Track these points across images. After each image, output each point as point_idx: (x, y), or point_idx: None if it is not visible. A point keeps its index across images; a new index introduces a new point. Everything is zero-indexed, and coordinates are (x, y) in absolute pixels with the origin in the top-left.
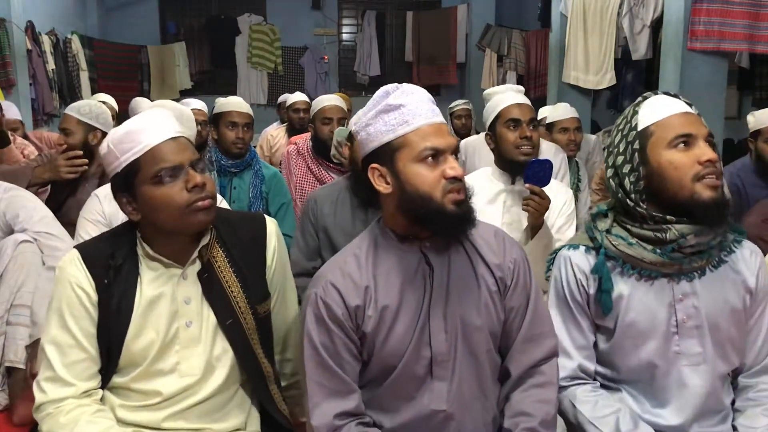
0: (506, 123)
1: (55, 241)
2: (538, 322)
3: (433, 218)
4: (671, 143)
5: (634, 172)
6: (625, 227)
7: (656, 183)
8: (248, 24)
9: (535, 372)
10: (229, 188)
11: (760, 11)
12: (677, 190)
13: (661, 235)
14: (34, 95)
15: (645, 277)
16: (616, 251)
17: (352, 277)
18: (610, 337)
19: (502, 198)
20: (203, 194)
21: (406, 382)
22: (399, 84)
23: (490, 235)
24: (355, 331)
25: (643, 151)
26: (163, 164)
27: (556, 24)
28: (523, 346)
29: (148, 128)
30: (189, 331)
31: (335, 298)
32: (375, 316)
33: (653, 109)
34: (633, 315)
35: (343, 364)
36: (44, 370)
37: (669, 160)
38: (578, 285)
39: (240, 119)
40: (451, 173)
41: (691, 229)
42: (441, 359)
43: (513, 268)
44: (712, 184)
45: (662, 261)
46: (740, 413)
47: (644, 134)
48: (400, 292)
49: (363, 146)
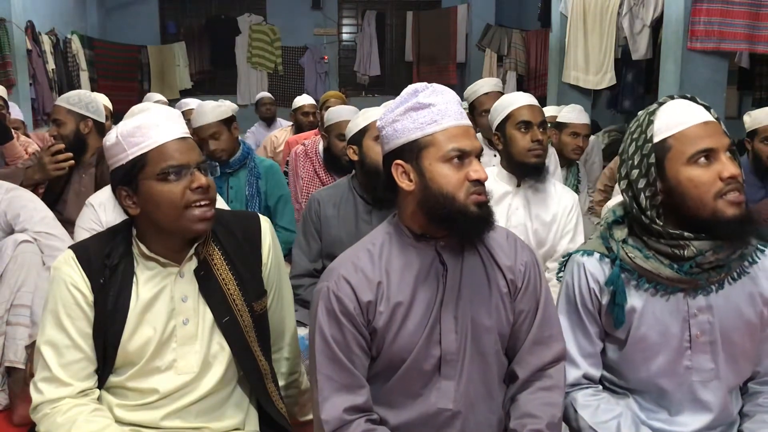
0: (517, 125)
1: (55, 241)
2: (547, 326)
3: (454, 218)
4: (691, 159)
5: (650, 187)
6: (641, 239)
7: (675, 199)
8: (248, 24)
9: (543, 375)
10: (226, 188)
11: (760, 11)
12: (698, 208)
13: (679, 251)
14: (34, 95)
15: (660, 292)
16: (632, 264)
17: (364, 272)
18: (621, 348)
19: (507, 200)
20: (206, 196)
21: (413, 379)
22: (429, 83)
23: (503, 237)
24: (366, 326)
25: (660, 165)
26: (170, 162)
27: (556, 24)
28: (532, 349)
29: (159, 125)
30: (186, 328)
31: (347, 292)
32: (386, 312)
33: (670, 119)
34: (645, 329)
35: (354, 359)
36: (40, 370)
37: (689, 177)
38: (591, 293)
39: (203, 133)
40: (475, 176)
41: (711, 245)
42: (450, 358)
43: (524, 271)
44: (736, 200)
45: (679, 277)
46: (748, 418)
47: (661, 147)
48: (413, 289)
49: (387, 142)
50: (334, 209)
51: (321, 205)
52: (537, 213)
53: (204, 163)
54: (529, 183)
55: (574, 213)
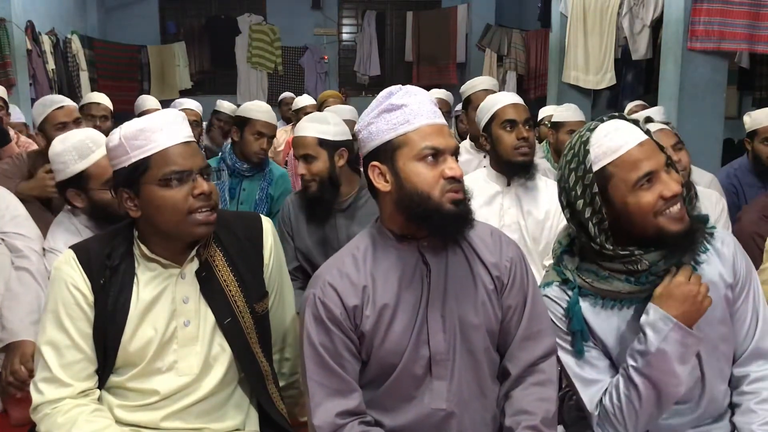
0: (502, 124)
1: (20, 241)
2: (535, 320)
3: (431, 216)
4: (636, 185)
5: (597, 214)
6: (594, 262)
7: (621, 221)
8: (248, 24)
9: (535, 370)
10: (238, 189)
11: (760, 11)
12: (644, 227)
13: (632, 266)
14: (34, 95)
15: (626, 306)
16: (592, 288)
17: (349, 277)
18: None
19: (498, 200)
20: (208, 203)
21: (405, 382)
22: (403, 86)
23: (487, 234)
24: (353, 331)
25: (603, 192)
26: (173, 167)
27: (556, 24)
28: (522, 344)
29: (162, 128)
30: (187, 330)
31: (333, 298)
32: (373, 316)
33: (605, 145)
34: (626, 344)
35: (344, 364)
36: (41, 370)
37: (635, 202)
38: (565, 318)
39: (268, 131)
40: (450, 173)
41: (662, 255)
42: (440, 358)
43: (509, 267)
44: (677, 215)
45: (639, 288)
46: (738, 407)
47: (602, 175)
48: (398, 291)
49: (364, 144)
50: (299, 212)
51: (291, 208)
52: (529, 210)
53: (206, 168)
54: (519, 181)
55: None
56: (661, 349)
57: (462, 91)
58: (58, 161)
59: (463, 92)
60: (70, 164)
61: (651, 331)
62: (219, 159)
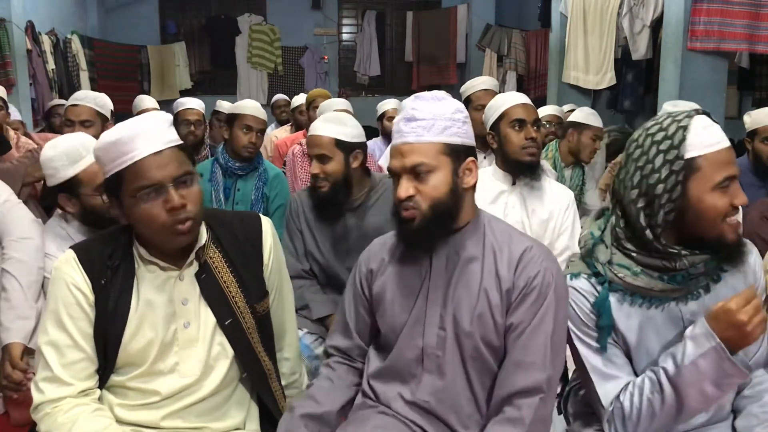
0: (511, 123)
1: (12, 241)
2: (533, 351)
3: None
4: (718, 185)
5: (671, 203)
6: (628, 254)
7: (688, 218)
8: (248, 24)
9: (514, 403)
10: (233, 190)
11: (760, 11)
12: (708, 229)
13: (670, 264)
14: (34, 95)
15: (655, 304)
16: (623, 283)
17: (384, 247)
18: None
19: (503, 199)
20: (182, 216)
21: (401, 363)
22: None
23: (519, 248)
24: (368, 290)
25: (684, 183)
26: (143, 182)
27: (556, 24)
28: (509, 369)
29: (134, 139)
30: (187, 332)
31: (365, 257)
32: (379, 284)
33: (703, 137)
34: (647, 342)
35: (353, 312)
36: (42, 370)
37: (712, 202)
38: (590, 313)
39: (255, 124)
40: (400, 194)
41: (703, 259)
42: (430, 352)
43: (524, 287)
44: (736, 226)
45: (672, 287)
46: (739, 412)
47: (690, 165)
48: (399, 273)
49: None
50: (312, 210)
51: (301, 204)
52: (533, 209)
53: (183, 176)
54: (525, 181)
55: (571, 210)
56: (696, 363)
57: (462, 90)
58: (49, 166)
59: (463, 92)
60: (62, 170)
61: (691, 343)
62: (213, 160)
